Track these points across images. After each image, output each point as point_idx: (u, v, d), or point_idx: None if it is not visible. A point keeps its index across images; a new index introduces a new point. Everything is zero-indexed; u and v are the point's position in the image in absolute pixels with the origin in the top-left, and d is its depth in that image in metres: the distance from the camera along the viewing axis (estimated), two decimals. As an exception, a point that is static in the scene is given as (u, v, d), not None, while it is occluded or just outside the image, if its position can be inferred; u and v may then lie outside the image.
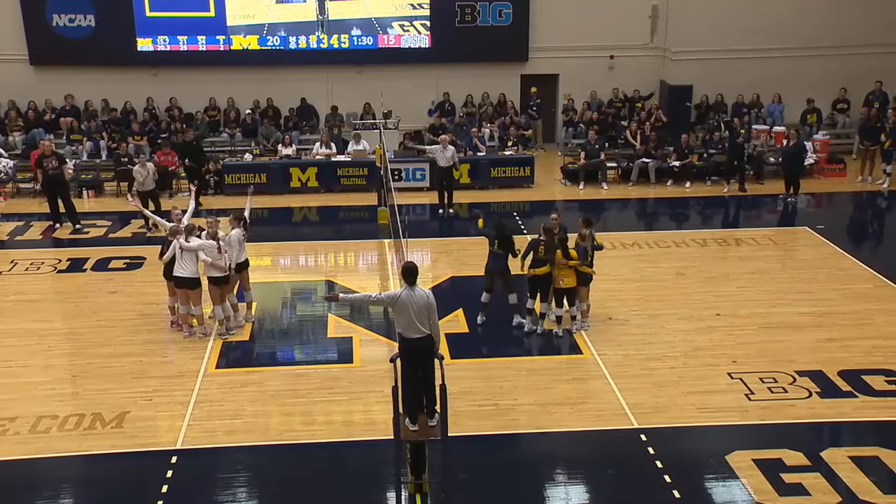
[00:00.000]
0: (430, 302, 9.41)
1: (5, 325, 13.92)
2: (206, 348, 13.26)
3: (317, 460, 10.65)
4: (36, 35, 23.33)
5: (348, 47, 24.40)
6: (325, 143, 22.08)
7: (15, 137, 22.91)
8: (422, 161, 21.65)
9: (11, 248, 17.52)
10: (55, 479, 10.32)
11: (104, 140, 22.68)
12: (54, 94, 23.65)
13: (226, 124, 24.21)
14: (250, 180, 20.81)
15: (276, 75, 24.28)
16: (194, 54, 24.06)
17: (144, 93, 24.00)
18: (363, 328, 14.04)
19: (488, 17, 24.54)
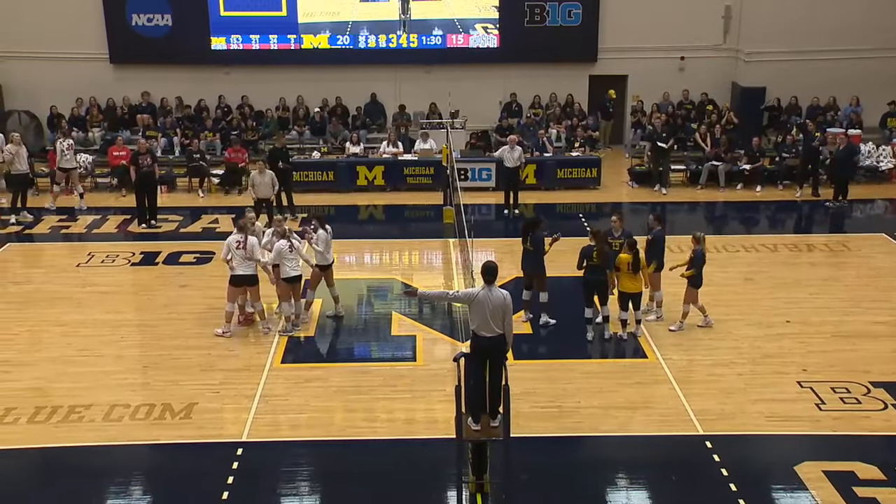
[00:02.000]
0: (506, 302, 9.41)
1: (82, 315, 14.33)
2: (272, 343, 13.46)
3: (378, 457, 10.72)
4: (116, 34, 23.98)
5: (417, 47, 24.51)
6: (393, 141, 22.23)
7: (95, 133, 23.57)
8: (488, 161, 21.66)
9: (88, 241, 18.03)
10: (126, 465, 10.58)
11: (177, 137, 23.20)
12: (132, 92, 24.28)
13: (295, 122, 24.55)
14: (318, 178, 21.10)
15: (345, 74, 24.52)
16: (266, 53, 24.45)
17: (217, 91, 24.48)
18: (427, 327, 14.10)
19: (557, 17, 24.41)
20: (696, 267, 13.42)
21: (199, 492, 9.95)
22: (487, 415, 9.56)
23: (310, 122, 24.39)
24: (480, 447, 9.58)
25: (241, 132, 23.42)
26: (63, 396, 11.79)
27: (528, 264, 13.96)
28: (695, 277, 13.47)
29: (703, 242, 13.54)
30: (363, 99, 24.81)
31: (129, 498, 9.94)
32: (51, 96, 23.63)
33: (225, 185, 21.36)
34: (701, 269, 13.46)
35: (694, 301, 13.62)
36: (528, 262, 13.93)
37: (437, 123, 22.81)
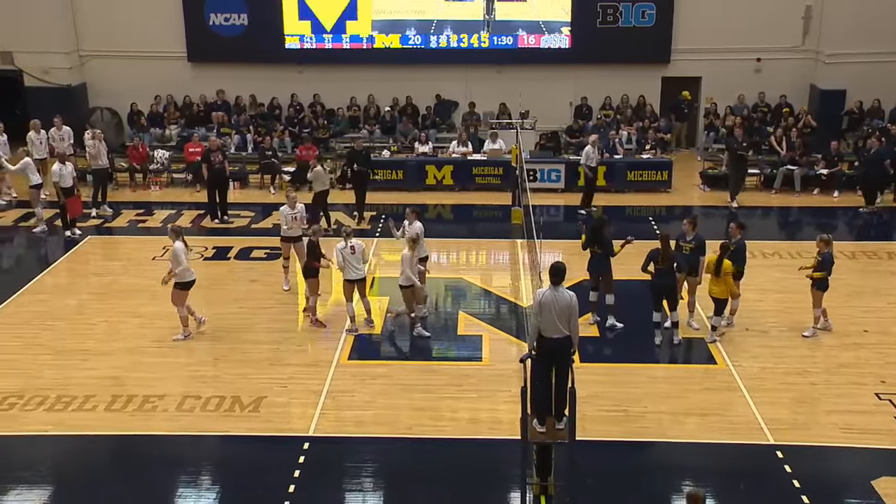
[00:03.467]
0: (572, 304, 9.37)
1: (157, 307, 14.67)
2: (340, 339, 13.60)
3: (442, 456, 10.76)
4: (194, 33, 24.49)
5: (488, 47, 24.48)
6: (462, 141, 22.26)
7: (171, 130, 24.13)
8: (557, 162, 21.54)
9: (164, 235, 18.40)
10: (196, 456, 10.84)
11: (251, 134, 23.60)
12: (208, 90, 24.76)
13: (365, 121, 24.75)
14: (387, 177, 21.23)
15: (415, 74, 24.62)
16: (338, 52, 24.70)
17: (290, 89, 24.80)
18: (493, 327, 14.09)
19: (630, 17, 24.12)
20: (825, 269, 13.17)
21: (267, 484, 10.12)
22: (553, 417, 9.52)
23: (380, 121, 24.57)
24: (545, 449, 9.55)
25: (312, 130, 23.73)
26: (138, 386, 12.12)
27: (594, 266, 13.86)
28: (822, 280, 13.20)
29: (831, 245, 13.31)
30: (433, 98, 24.90)
31: (198, 487, 10.17)
32: (131, 94, 24.26)
33: (296, 183, 21.58)
34: (830, 271, 13.21)
35: (818, 304, 13.35)
36: (595, 264, 13.84)
37: (506, 124, 22.76)
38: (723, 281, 12.99)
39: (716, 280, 13.05)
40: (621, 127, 23.33)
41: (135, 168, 21.75)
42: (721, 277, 12.98)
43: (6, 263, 17.87)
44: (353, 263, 13.55)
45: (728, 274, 12.98)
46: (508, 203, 19.52)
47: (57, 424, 11.22)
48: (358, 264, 13.64)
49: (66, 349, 13.24)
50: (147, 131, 23.78)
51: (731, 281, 13.09)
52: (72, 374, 12.47)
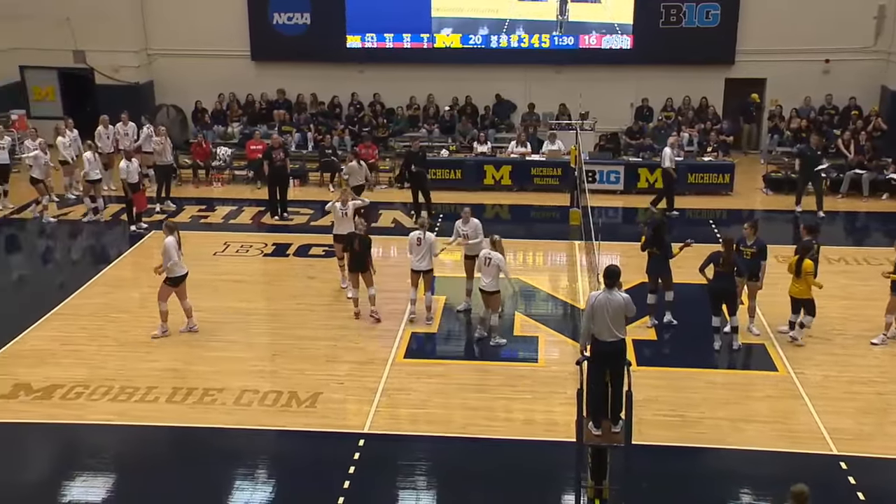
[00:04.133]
0: (627, 307, 9.29)
1: (217, 301, 14.93)
2: (396, 337, 13.67)
3: (496, 456, 10.73)
4: (258, 32, 24.85)
5: (549, 47, 24.37)
6: (521, 142, 22.19)
7: (234, 128, 24.51)
8: (617, 164, 21.36)
9: (225, 231, 18.76)
10: (253, 449, 10.98)
11: (311, 132, 23.86)
12: (270, 88, 25.10)
13: (425, 120, 24.83)
14: (445, 176, 21.27)
15: (475, 73, 24.62)
16: (399, 52, 24.82)
17: (350, 88, 25.00)
18: (550, 328, 14.02)
19: (694, 18, 23.78)
20: None
21: (322, 480, 10.20)
22: (609, 420, 9.44)
23: (439, 120, 24.63)
24: (601, 452, 9.47)
25: (371, 129, 23.89)
26: (198, 379, 12.34)
27: (653, 268, 13.75)
28: None
29: None
30: (493, 98, 24.87)
31: (254, 481, 10.31)
32: (196, 91, 24.73)
33: (355, 181, 21.80)
34: None
35: (893, 310, 13.07)
36: (654, 266, 13.73)
37: (566, 124, 22.64)
38: (803, 281, 12.82)
39: (797, 280, 12.91)
40: (682, 129, 23.04)
41: (198, 165, 22.15)
42: (801, 277, 12.81)
43: (75, 256, 18.32)
44: (416, 254, 13.88)
45: (809, 273, 12.78)
46: (566, 204, 19.42)
47: (120, 414, 11.48)
48: (419, 255, 13.82)
49: (130, 341, 13.53)
50: (210, 128, 24.21)
51: (812, 280, 12.88)
52: (135, 365, 12.75)
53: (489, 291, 13.38)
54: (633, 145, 22.67)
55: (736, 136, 24.03)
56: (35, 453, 11.07)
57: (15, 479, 10.51)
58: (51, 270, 17.39)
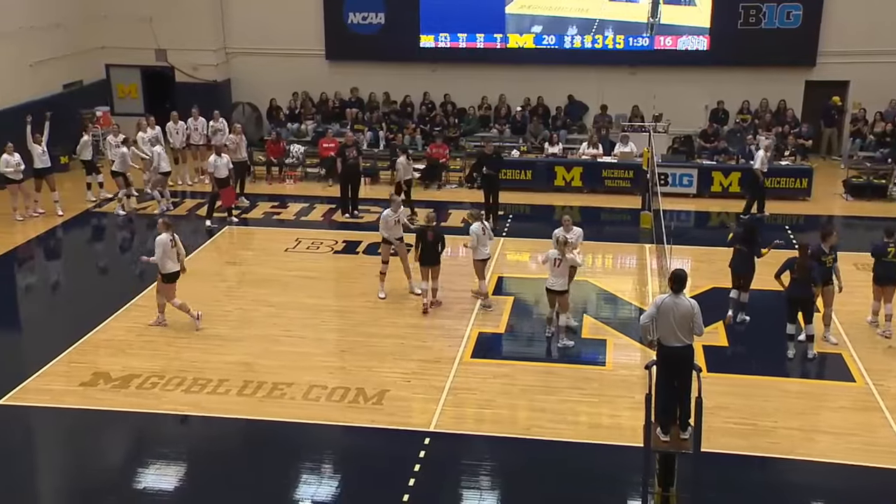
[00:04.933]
0: (693, 311, 9.15)
1: (287, 297, 15.17)
2: (463, 337, 13.70)
3: (561, 459, 10.68)
4: (333, 32, 25.15)
5: (623, 48, 24.12)
6: (593, 143, 22.01)
7: (307, 126, 24.86)
8: (690, 166, 21.05)
9: (297, 227, 19.04)
10: (320, 444, 11.15)
11: (383, 131, 24.05)
12: (343, 87, 25.37)
13: (496, 120, 24.80)
14: (516, 177, 21.22)
15: (548, 74, 24.51)
16: (471, 52, 24.84)
17: (422, 87, 25.11)
18: (618, 332, 13.89)
19: (775, 18, 23.25)
20: None
21: (388, 476, 10.29)
22: (678, 426, 9.31)
23: (510, 120, 24.58)
24: (668, 459, 9.35)
25: (443, 129, 23.97)
26: (268, 373, 12.55)
27: (738, 264, 13.76)
28: None
29: None
30: (565, 99, 24.72)
31: (320, 475, 10.46)
32: (271, 90, 25.16)
33: (425, 180, 21.92)
34: None
35: None
36: (739, 263, 13.73)
37: (638, 126, 22.38)
38: None
39: None
40: (759, 132, 22.56)
41: (271, 162, 22.52)
42: None
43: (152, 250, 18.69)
44: (486, 243, 14.38)
45: None
46: (638, 207, 19.19)
47: (193, 405, 11.75)
48: (486, 245, 14.48)
49: (203, 334, 13.82)
50: (284, 126, 24.59)
51: None
52: (207, 357, 13.03)
53: (559, 291, 13.31)
54: (708, 148, 22.27)
55: (815, 140, 23.44)
56: (112, 440, 11.42)
57: (93, 464, 10.87)
58: (130, 262, 17.87)
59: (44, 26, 22.65)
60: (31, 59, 22.11)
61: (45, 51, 22.60)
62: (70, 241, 19.06)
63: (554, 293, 13.37)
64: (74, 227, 19.28)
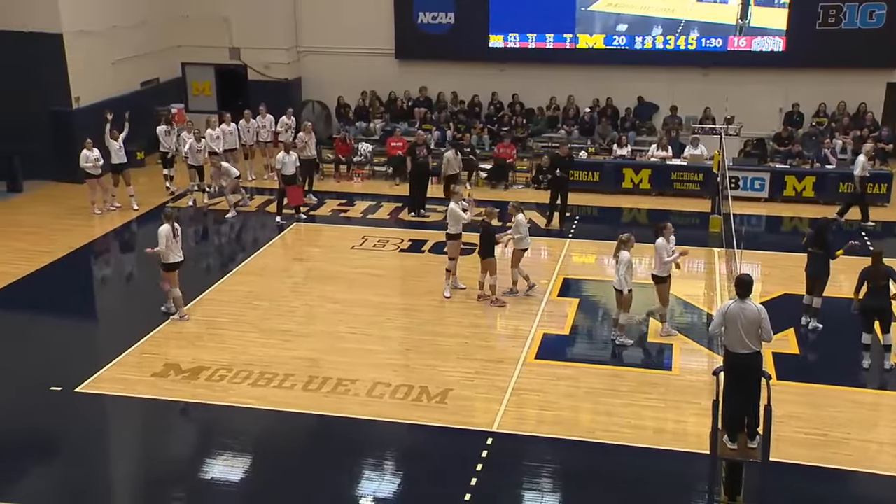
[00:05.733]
0: (760, 317, 8.96)
1: (353, 294, 15.31)
2: (528, 337, 13.65)
3: (623, 463, 10.58)
4: (403, 31, 25.29)
5: (695, 49, 23.74)
6: (662, 145, 21.73)
7: (376, 124, 25.05)
8: (762, 170, 20.64)
9: (363, 225, 19.20)
10: (383, 441, 11.21)
11: (450, 130, 24.10)
12: (412, 86, 25.50)
13: (564, 121, 24.65)
14: (583, 178, 21.05)
15: (617, 74, 24.26)
16: (541, 52, 24.73)
17: (490, 87, 25.09)
18: (685, 336, 13.69)
19: (856, 18, 22.59)
20: None
21: (450, 475, 10.31)
22: (745, 434, 9.13)
23: (579, 121, 24.41)
24: (735, 467, 9.18)
25: (511, 129, 23.92)
26: (333, 369, 12.68)
27: (813, 268, 13.52)
28: None
29: None
30: (635, 100, 24.45)
31: (382, 472, 10.52)
32: (340, 88, 25.43)
33: (492, 180, 21.91)
34: None
35: None
36: (814, 266, 13.50)
37: (709, 129, 22.00)
38: None
39: None
40: (835, 135, 21.98)
41: (340, 160, 22.75)
42: None
43: (221, 245, 19.15)
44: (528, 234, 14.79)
45: None
46: (707, 210, 18.88)
47: (259, 399, 11.94)
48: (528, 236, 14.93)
49: (270, 329, 14.04)
50: (353, 125, 24.82)
51: None
52: (274, 352, 13.23)
53: (617, 290, 13.33)
54: (781, 152, 21.78)
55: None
56: (181, 430, 11.69)
57: (162, 453, 11.13)
58: (200, 256, 18.24)
59: (127, 26, 23.26)
60: (113, 57, 22.73)
61: (126, 49, 23.20)
62: (144, 234, 19.42)
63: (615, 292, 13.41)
64: (149, 221, 19.69)
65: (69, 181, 20.96)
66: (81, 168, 19.36)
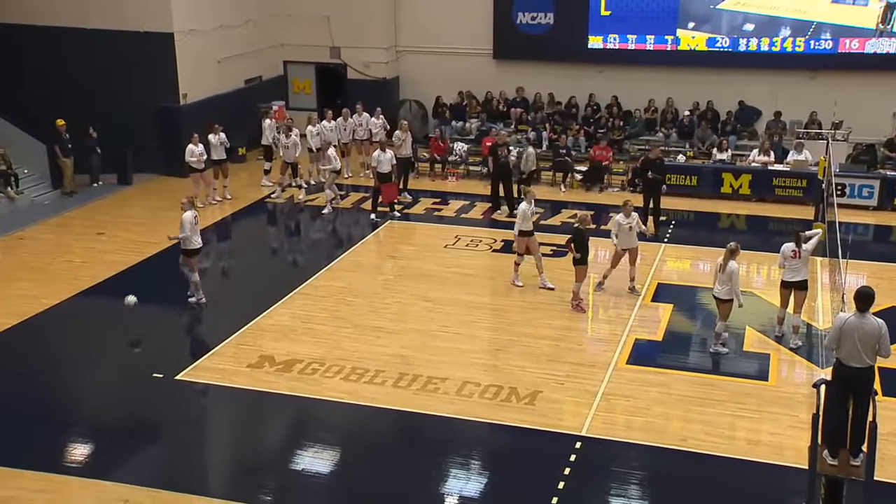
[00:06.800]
0: (881, 332, 8.62)
1: (445, 293, 15.39)
2: (619, 342, 13.49)
3: (715, 473, 10.37)
4: (501, 31, 25.28)
5: (803, 51, 23.01)
6: (764, 150, 21.14)
7: (471, 124, 25.13)
8: (871, 177, 19.88)
9: (456, 225, 19.27)
10: (472, 440, 11.26)
11: (546, 131, 23.98)
12: (508, 86, 25.47)
13: (662, 124, 24.24)
14: (681, 182, 20.68)
15: (719, 77, 23.71)
16: (640, 54, 24.37)
17: (588, 88, 24.85)
18: (783, 346, 13.31)
19: (977, 18, 21.56)
20: None
21: (537, 478, 10.27)
22: (847, 450, 8.80)
23: (677, 124, 23.97)
24: (836, 484, 8.85)
25: (607, 131, 23.65)
26: (423, 367, 12.78)
27: None
28: None
29: None
30: (736, 104, 23.84)
31: (469, 471, 10.56)
32: (437, 87, 25.61)
33: (587, 182, 21.72)
34: None
35: None
36: None
37: (815, 133, 21.30)
38: None
39: None
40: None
41: (435, 159, 22.89)
42: None
43: (318, 240, 19.52)
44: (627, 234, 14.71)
45: None
46: (810, 218, 18.28)
47: (350, 393, 12.12)
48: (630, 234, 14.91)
49: (363, 324, 14.23)
50: (449, 124, 24.94)
51: None
52: (366, 348, 13.41)
53: (722, 299, 13.00)
54: (893, 158, 20.94)
55: None
56: (274, 421, 11.96)
57: (255, 442, 11.42)
58: (297, 252, 18.64)
59: (233, 25, 23.93)
60: (219, 55, 23.41)
61: (232, 48, 23.86)
62: (242, 228, 20.06)
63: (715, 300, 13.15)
64: (247, 216, 20.28)
65: (175, 175, 21.69)
66: (186, 162, 20.00)
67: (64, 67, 21.76)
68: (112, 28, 21.59)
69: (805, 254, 13.38)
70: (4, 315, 14.49)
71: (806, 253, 13.40)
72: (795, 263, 13.33)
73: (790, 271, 13.38)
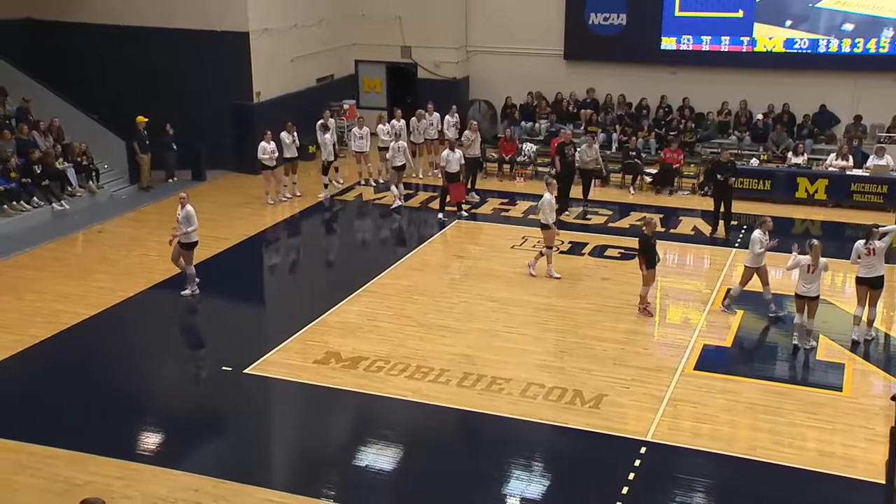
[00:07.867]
0: None
1: (511, 294, 15.36)
2: (687, 347, 13.30)
3: (784, 484, 10.12)
4: (573, 32, 25.15)
5: (888, 52, 22.34)
6: (842, 154, 20.59)
7: (540, 124, 25.03)
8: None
9: (524, 225, 19.19)
10: (534, 442, 11.20)
11: (616, 133, 23.74)
12: (578, 87, 25.32)
13: (735, 127, 23.80)
14: (754, 186, 20.28)
15: (796, 80, 23.20)
16: (715, 55, 23.97)
17: (659, 90, 24.55)
18: (859, 356, 12.95)
19: None
20: None
21: (600, 482, 10.19)
22: (924, 466, 8.55)
23: (751, 128, 23.49)
24: (910, 501, 8.61)
25: (679, 133, 23.31)
26: (487, 367, 12.77)
27: None
28: None
29: None
30: (813, 107, 23.28)
31: (531, 473, 10.51)
32: (507, 87, 25.59)
33: (657, 185, 21.45)
34: None
35: None
36: None
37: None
38: None
39: None
40: None
41: (503, 159, 22.86)
42: None
43: (385, 238, 19.67)
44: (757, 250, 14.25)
45: None
46: (890, 224, 17.70)
47: (414, 392, 12.17)
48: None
49: (428, 323, 14.29)
50: (518, 124, 24.88)
51: None
52: (431, 347, 13.46)
53: (811, 297, 12.98)
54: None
55: None
56: (339, 416, 12.08)
57: (320, 437, 11.57)
58: (364, 250, 18.79)
59: (307, 24, 24.28)
60: (292, 54, 23.77)
61: (305, 47, 24.21)
62: (311, 225, 20.32)
63: (804, 299, 13.04)
64: (316, 213, 20.54)
65: (247, 172, 22.08)
66: (258, 159, 20.35)
67: (143, 66, 22.33)
68: (191, 27, 22.08)
69: (880, 250, 13.12)
70: (83, 306, 14.93)
71: (881, 249, 13.12)
72: (870, 260, 13.10)
73: (864, 268, 13.18)
